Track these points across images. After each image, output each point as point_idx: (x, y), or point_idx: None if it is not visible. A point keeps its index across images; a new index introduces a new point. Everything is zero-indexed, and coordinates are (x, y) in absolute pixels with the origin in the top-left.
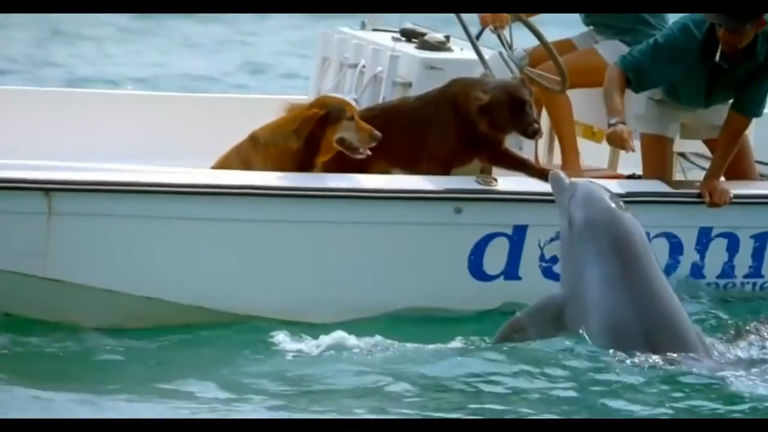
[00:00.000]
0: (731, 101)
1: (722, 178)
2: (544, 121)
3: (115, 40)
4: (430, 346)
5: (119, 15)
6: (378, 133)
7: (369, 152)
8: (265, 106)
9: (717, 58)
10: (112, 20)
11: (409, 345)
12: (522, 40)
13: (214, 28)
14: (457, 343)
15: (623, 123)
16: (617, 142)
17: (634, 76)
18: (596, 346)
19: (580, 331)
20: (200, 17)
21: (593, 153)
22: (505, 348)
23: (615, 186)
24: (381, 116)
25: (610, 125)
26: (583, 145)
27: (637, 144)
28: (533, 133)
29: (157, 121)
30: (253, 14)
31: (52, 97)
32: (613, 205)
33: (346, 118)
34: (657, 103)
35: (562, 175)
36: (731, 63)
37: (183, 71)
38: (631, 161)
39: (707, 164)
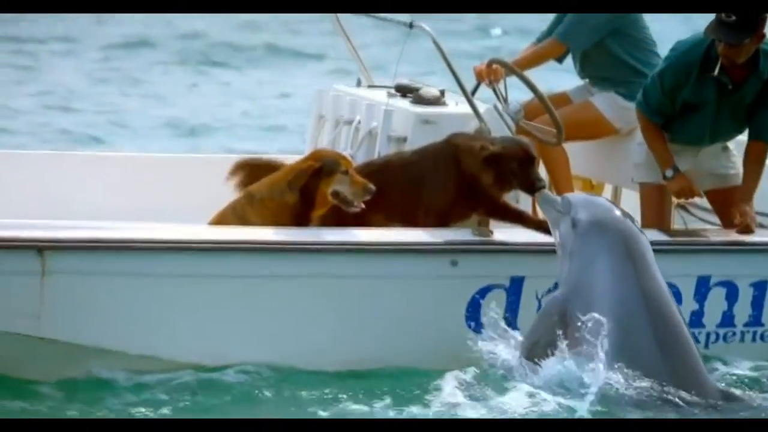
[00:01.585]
0: (733, 139)
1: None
2: (541, 174)
3: (160, 83)
4: (429, 398)
5: (160, 60)
6: (372, 187)
7: (363, 206)
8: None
9: (716, 72)
10: (151, 70)
11: (407, 398)
12: (517, 93)
13: (254, 73)
14: (455, 393)
15: (677, 170)
16: (685, 195)
17: (659, 116)
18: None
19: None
20: (238, 65)
21: None
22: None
23: None
24: (379, 171)
25: (666, 178)
26: None
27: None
28: (540, 189)
29: (151, 182)
30: (292, 61)
31: (44, 160)
32: (617, 210)
33: (341, 171)
34: None
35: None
36: (735, 83)
37: (225, 117)
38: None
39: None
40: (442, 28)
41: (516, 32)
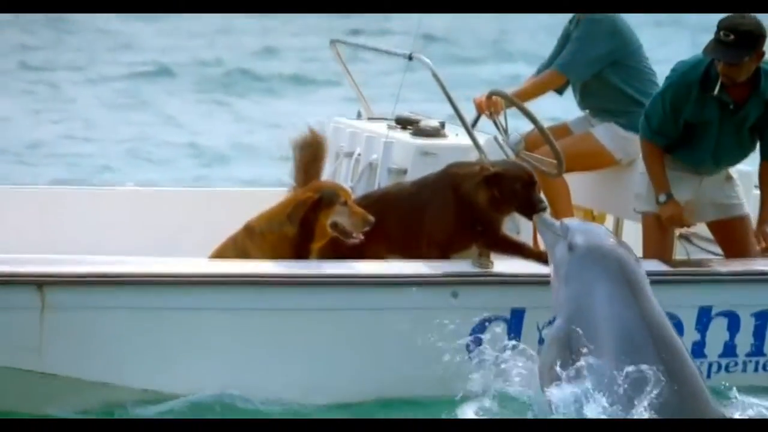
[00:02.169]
0: (736, 166)
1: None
2: None
3: (177, 112)
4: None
5: (177, 89)
6: (371, 218)
7: (362, 237)
8: (260, 199)
9: (716, 91)
10: (169, 98)
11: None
12: (517, 123)
13: (270, 101)
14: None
15: (671, 196)
16: (674, 222)
17: (661, 138)
18: (605, 360)
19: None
20: (255, 94)
21: None
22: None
23: None
24: (378, 202)
25: (659, 202)
26: None
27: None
28: (541, 211)
29: (150, 216)
30: (308, 88)
31: (43, 195)
32: (613, 237)
33: (340, 202)
34: None
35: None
36: (736, 102)
37: (242, 145)
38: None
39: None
40: (459, 54)
41: (535, 59)
